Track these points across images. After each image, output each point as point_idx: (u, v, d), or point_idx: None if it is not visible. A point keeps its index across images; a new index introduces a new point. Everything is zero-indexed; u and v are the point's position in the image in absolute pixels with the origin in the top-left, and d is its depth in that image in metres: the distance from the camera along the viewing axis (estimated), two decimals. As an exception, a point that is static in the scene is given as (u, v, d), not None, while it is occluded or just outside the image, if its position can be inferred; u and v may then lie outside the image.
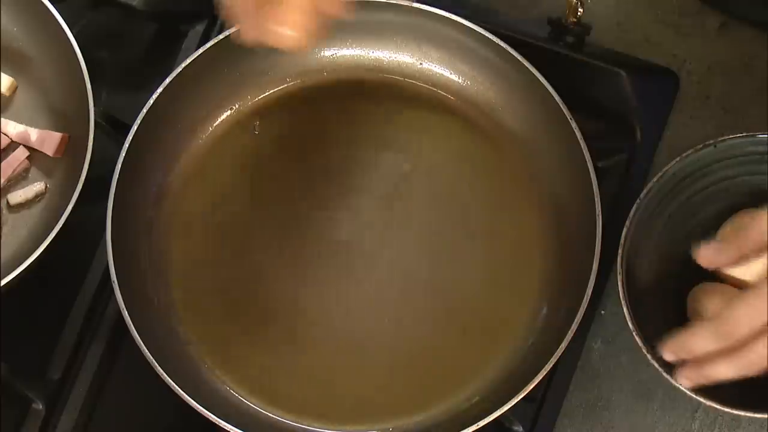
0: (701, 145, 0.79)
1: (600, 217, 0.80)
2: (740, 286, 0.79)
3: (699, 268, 0.73)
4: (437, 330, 0.84)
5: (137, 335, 0.78)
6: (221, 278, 0.86)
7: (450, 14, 0.86)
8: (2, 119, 0.90)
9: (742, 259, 0.71)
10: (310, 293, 0.86)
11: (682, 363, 0.71)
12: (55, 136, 0.89)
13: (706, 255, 0.72)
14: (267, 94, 0.91)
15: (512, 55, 0.85)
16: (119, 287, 0.80)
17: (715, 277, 0.78)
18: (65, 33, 0.87)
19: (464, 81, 0.91)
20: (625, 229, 0.80)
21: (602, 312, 0.87)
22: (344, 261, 0.86)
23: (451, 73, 0.91)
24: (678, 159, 0.79)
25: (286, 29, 0.69)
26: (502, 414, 0.77)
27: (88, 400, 0.86)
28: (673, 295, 0.81)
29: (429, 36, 0.89)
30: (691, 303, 0.80)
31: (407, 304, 0.85)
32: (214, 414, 0.77)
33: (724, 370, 0.69)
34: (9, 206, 0.89)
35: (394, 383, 0.83)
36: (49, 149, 0.89)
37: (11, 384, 0.84)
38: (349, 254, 0.86)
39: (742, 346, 0.68)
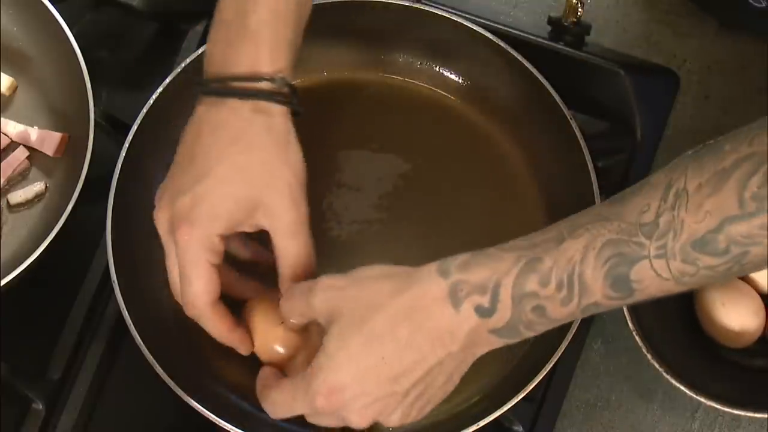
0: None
1: (600, 217, 0.80)
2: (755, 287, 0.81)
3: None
4: (437, 330, 0.84)
5: (137, 335, 0.78)
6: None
7: (450, 14, 0.86)
8: (2, 119, 0.90)
9: None
10: (310, 293, 0.85)
11: None
12: (55, 136, 0.89)
13: None
14: (267, 94, 0.91)
15: (512, 55, 0.85)
16: (119, 287, 0.80)
17: None
18: (65, 33, 0.87)
19: (464, 81, 0.91)
20: (625, 229, 0.80)
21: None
22: (344, 261, 0.86)
23: (451, 73, 0.91)
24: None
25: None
26: (502, 414, 0.77)
27: (88, 400, 0.86)
28: (672, 295, 0.81)
29: (429, 36, 0.89)
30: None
31: (407, 304, 0.85)
32: (214, 414, 0.77)
33: None
34: (9, 206, 0.89)
35: (394, 383, 0.83)
36: (49, 149, 0.89)
37: (11, 384, 0.84)
38: (349, 254, 0.86)
39: None
